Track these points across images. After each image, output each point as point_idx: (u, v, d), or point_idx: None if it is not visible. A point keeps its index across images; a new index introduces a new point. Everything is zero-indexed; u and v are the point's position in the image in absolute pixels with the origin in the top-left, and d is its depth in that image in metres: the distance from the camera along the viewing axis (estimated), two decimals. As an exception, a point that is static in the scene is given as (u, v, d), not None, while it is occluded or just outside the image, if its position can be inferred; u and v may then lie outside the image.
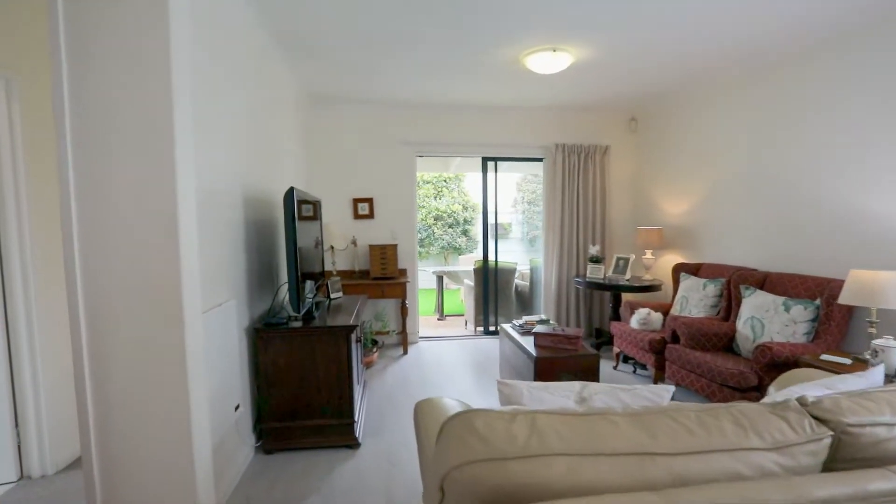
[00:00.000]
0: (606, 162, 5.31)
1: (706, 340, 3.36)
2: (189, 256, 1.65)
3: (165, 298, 1.60)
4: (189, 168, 1.66)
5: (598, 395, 1.55)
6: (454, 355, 4.77)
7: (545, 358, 3.04)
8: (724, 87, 4.10)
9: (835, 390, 1.30)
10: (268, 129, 3.23)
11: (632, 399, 1.51)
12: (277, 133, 3.53)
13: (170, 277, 1.60)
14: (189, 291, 1.64)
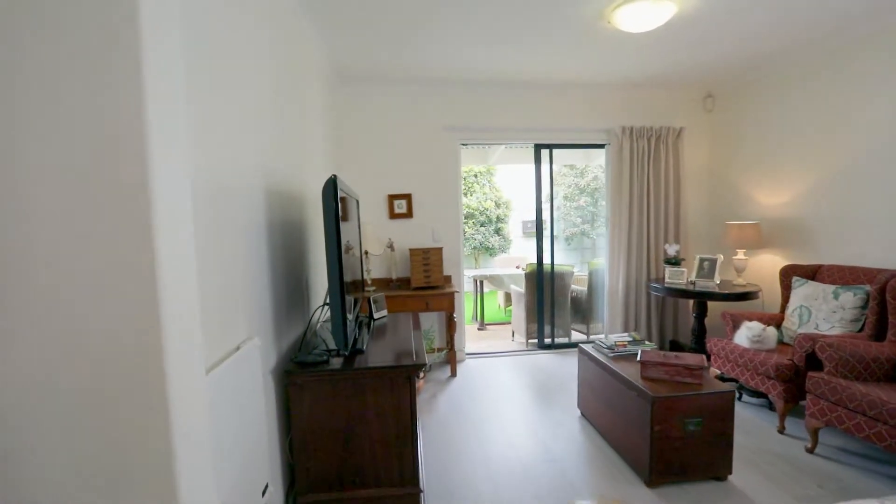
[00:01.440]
0: (680, 146, 4.53)
1: (863, 368, 2.59)
2: (179, 295, 0.92)
3: (131, 382, 0.83)
4: (178, 155, 0.95)
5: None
6: (510, 376, 4.04)
7: (665, 398, 2.30)
8: (843, 53, 3.29)
9: None
10: (294, 110, 2.55)
11: None
12: (305, 116, 2.84)
13: (137, 340, 0.82)
14: (179, 350, 0.93)
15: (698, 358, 2.49)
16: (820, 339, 2.72)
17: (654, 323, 4.62)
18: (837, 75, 3.40)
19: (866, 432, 2.38)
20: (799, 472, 2.48)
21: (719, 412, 2.36)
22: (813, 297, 3.24)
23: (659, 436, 2.30)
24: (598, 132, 4.54)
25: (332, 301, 1.91)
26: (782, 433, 2.91)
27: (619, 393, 2.61)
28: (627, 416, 2.52)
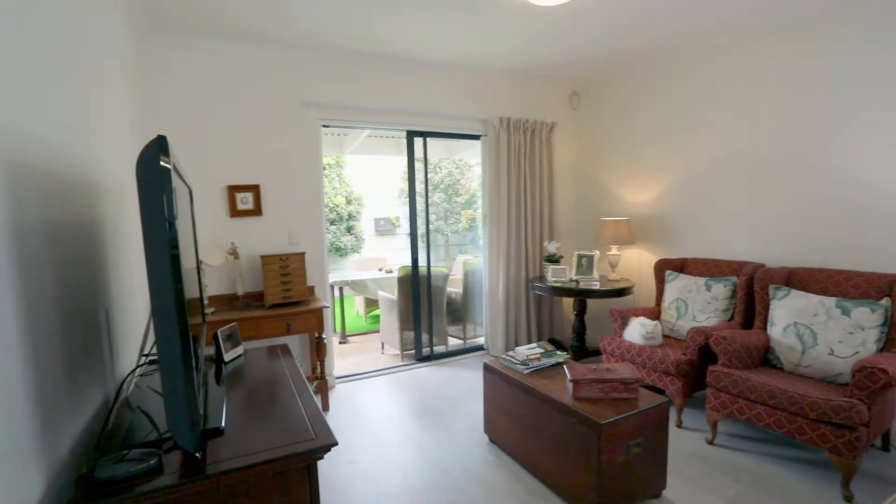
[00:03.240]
0: (553, 142, 4.47)
1: (747, 357, 2.67)
2: None
3: None
4: None
5: None
6: (394, 400, 3.43)
7: (612, 424, 1.97)
8: (702, 57, 3.51)
9: None
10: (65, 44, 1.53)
11: None
12: (93, 64, 1.79)
13: None
14: None
15: (630, 369, 2.24)
16: (712, 333, 2.75)
17: (534, 322, 4.50)
18: (695, 80, 3.60)
19: (766, 420, 2.42)
20: (715, 470, 2.43)
21: (658, 427, 2.14)
22: (687, 289, 3.36)
23: (606, 466, 1.97)
24: (476, 122, 4.20)
25: (165, 350, 1.06)
26: (680, 427, 2.91)
27: (548, 418, 2.23)
28: (563, 445, 2.15)
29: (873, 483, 2.30)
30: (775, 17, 2.94)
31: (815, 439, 2.23)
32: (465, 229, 9.31)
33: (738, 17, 2.96)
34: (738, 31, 3.16)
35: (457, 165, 8.98)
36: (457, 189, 9.21)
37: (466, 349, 4.56)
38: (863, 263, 2.78)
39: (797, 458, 2.54)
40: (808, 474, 2.39)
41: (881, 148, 2.67)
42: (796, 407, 2.28)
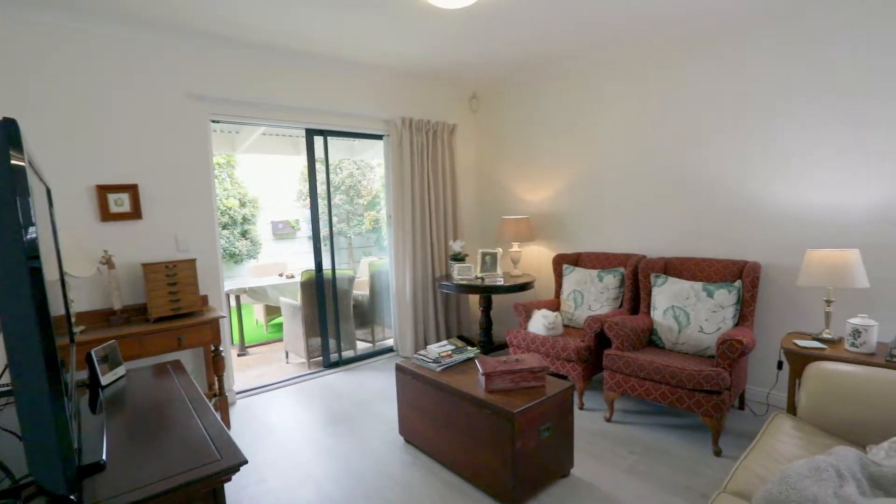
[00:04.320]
0: (454, 143, 4.57)
1: (636, 339, 2.97)
2: None
3: None
4: None
5: None
6: (301, 410, 3.26)
7: (524, 411, 2.06)
8: (592, 68, 3.82)
9: None
10: None
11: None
12: None
13: None
14: None
15: (537, 358, 2.36)
16: (606, 319, 3.00)
17: (442, 321, 4.56)
18: (585, 89, 3.91)
19: (654, 394, 2.70)
20: (614, 445, 2.66)
21: (564, 410, 2.28)
22: (583, 281, 3.63)
23: (520, 452, 2.06)
24: (379, 122, 4.15)
25: (23, 378, 0.89)
26: (582, 409, 3.13)
27: (463, 413, 2.27)
28: (478, 437, 2.20)
29: (734, 437, 2.68)
30: (654, 37, 3.30)
31: (692, 406, 2.54)
32: (369, 231, 9.17)
33: (623, 34, 3.27)
34: (623, 46, 3.49)
35: (358, 166, 8.80)
36: (359, 190, 9.03)
37: (376, 352, 4.48)
38: (723, 252, 3.22)
39: (679, 425, 2.87)
40: (688, 437, 2.71)
41: (738, 155, 3.12)
42: (676, 379, 2.57)
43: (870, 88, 2.57)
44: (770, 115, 2.94)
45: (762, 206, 3.03)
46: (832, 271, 2.36)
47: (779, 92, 2.90)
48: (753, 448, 1.76)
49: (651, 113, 3.51)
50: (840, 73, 2.66)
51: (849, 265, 2.33)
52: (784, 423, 1.93)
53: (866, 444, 1.73)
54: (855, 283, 2.32)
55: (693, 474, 2.35)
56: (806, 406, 1.96)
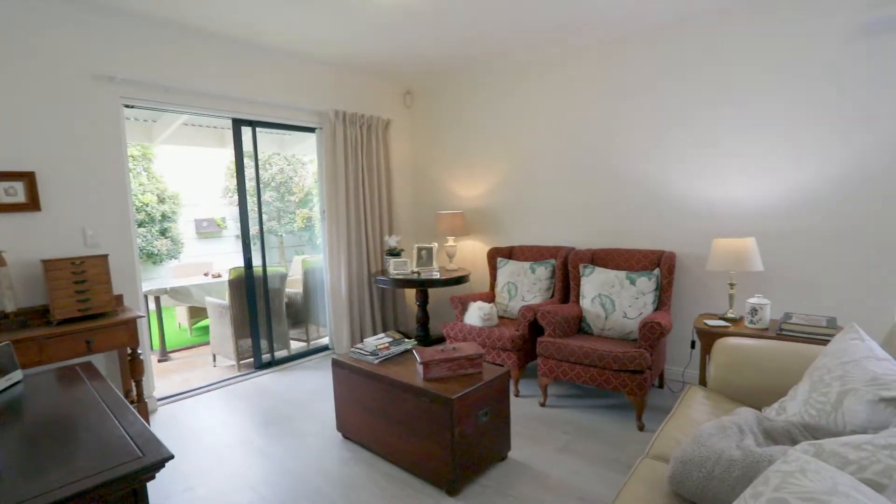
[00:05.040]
0: (389, 138, 4.55)
1: (567, 326, 3.12)
2: None
3: None
4: None
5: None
6: (231, 413, 3.10)
7: (462, 397, 2.10)
8: (522, 68, 3.96)
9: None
10: None
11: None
12: None
13: None
14: None
15: (473, 346, 2.41)
16: (539, 309, 3.13)
17: (379, 317, 4.52)
18: (516, 88, 4.04)
19: (583, 377, 2.86)
20: (548, 427, 2.77)
21: (500, 395, 2.35)
22: (516, 273, 3.76)
23: (459, 438, 2.09)
24: (311, 114, 4.04)
25: None
26: (518, 396, 3.24)
27: (402, 403, 2.27)
28: (417, 426, 2.21)
29: (656, 412, 2.90)
30: (577, 40, 3.47)
31: (617, 386, 2.71)
32: (301, 229, 8.88)
33: (549, 37, 3.41)
34: (550, 48, 3.64)
35: (289, 162, 8.50)
36: (290, 187, 8.71)
37: (311, 351, 4.36)
38: (644, 243, 3.47)
39: (607, 405, 3.05)
40: (615, 416, 2.89)
41: (654, 154, 3.37)
42: (604, 362, 2.73)
43: (759, 98, 2.88)
44: (679, 118, 3.21)
45: (676, 200, 3.30)
46: (734, 257, 2.62)
47: (686, 98, 3.17)
48: (671, 417, 1.91)
49: (576, 112, 3.69)
50: (733, 84, 2.96)
51: (747, 251, 2.60)
52: (697, 393, 2.12)
53: (763, 405, 1.94)
54: (752, 267, 2.59)
55: (620, 448, 2.52)
56: (714, 377, 2.16)
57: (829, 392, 1.51)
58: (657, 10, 3.00)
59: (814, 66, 2.73)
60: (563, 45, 3.62)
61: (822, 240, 2.79)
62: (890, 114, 2.55)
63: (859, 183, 2.66)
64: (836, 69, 2.67)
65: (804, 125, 2.79)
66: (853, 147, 2.66)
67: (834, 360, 1.62)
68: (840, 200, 2.72)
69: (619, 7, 2.95)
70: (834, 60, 2.67)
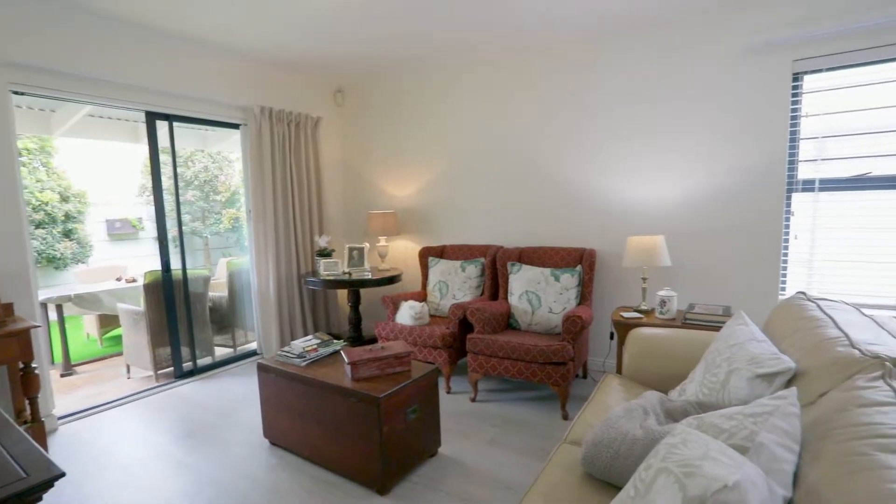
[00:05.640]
0: (319, 136, 4.45)
1: (496, 323, 3.21)
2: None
3: None
4: None
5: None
6: (151, 429, 2.90)
7: (390, 395, 2.10)
8: (453, 70, 4.03)
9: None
10: None
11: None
12: None
13: None
14: None
15: (402, 344, 2.43)
16: (468, 306, 3.20)
17: (309, 319, 4.41)
18: (447, 90, 4.10)
19: (511, 371, 2.96)
20: (478, 422, 2.85)
21: (429, 392, 2.38)
22: (447, 272, 3.82)
23: (388, 436, 2.10)
24: (234, 109, 3.86)
25: None
26: (450, 393, 3.29)
27: (330, 405, 2.24)
28: (346, 427, 2.19)
29: (579, 402, 3.06)
30: (504, 43, 3.58)
31: (543, 378, 2.84)
32: (228, 230, 8.45)
33: (477, 40, 3.49)
34: (478, 50, 3.73)
35: (214, 160, 8.06)
36: (215, 186, 8.27)
37: (238, 357, 4.17)
38: (568, 241, 3.65)
39: (534, 397, 3.17)
40: (542, 407, 3.02)
41: (575, 156, 3.55)
42: (530, 356, 2.85)
43: (663, 108, 3.14)
44: (596, 124, 3.41)
45: (596, 200, 3.50)
46: (645, 254, 2.83)
47: (602, 105, 3.38)
48: (588, 404, 2.03)
49: (504, 114, 3.82)
50: (644, 95, 3.20)
51: (656, 248, 2.82)
52: (613, 381, 2.27)
53: (669, 388, 2.12)
54: (661, 262, 2.81)
55: (546, 437, 2.63)
56: (628, 365, 2.33)
57: (718, 372, 1.68)
58: (574, 25, 3.17)
59: (706, 82, 3.01)
60: (490, 49, 3.72)
61: (718, 236, 3.09)
62: (764, 124, 2.87)
63: (744, 185, 2.97)
64: (722, 85, 2.96)
65: (697, 134, 3.07)
66: (736, 153, 2.97)
67: (723, 344, 1.80)
68: (729, 200, 3.02)
69: (541, 18, 3.08)
70: (720, 77, 2.96)
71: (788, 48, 2.80)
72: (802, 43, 2.75)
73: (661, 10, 3.00)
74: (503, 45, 3.64)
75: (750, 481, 0.81)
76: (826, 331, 1.58)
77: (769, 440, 0.97)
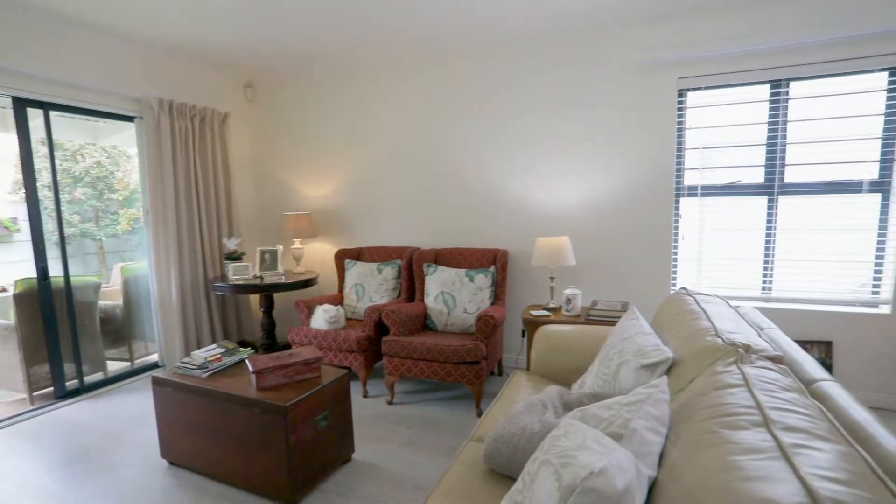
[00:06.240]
0: (227, 133, 4.20)
1: (412, 324, 3.23)
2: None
3: None
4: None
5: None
6: (24, 460, 2.56)
7: (297, 403, 2.03)
8: (369, 71, 3.99)
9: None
10: None
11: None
12: None
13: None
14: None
15: (312, 350, 2.36)
16: (383, 309, 3.18)
17: (219, 327, 4.15)
18: (361, 88, 4.05)
19: (427, 372, 2.99)
20: (394, 424, 2.84)
21: (341, 398, 2.33)
22: (364, 274, 3.77)
23: (296, 446, 2.03)
24: (127, 100, 3.54)
25: None
26: (366, 397, 3.25)
27: (233, 417, 2.12)
28: (251, 439, 2.08)
29: (494, 399, 3.15)
30: (421, 45, 3.60)
31: (457, 378, 2.89)
32: (127, 233, 7.71)
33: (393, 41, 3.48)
34: (395, 51, 3.72)
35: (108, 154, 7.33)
36: (111, 184, 7.51)
37: (136, 371, 3.82)
38: (481, 242, 3.75)
39: (451, 397, 3.22)
40: (457, 406, 3.07)
41: (489, 159, 3.65)
42: (444, 356, 2.89)
43: (569, 116, 3.34)
44: (507, 129, 3.55)
45: (508, 203, 3.63)
46: (552, 254, 2.99)
47: (512, 110, 3.52)
48: (496, 402, 2.10)
49: (419, 116, 3.85)
50: (549, 102, 3.38)
51: (563, 248, 2.98)
52: (521, 377, 2.36)
53: (573, 382, 2.25)
54: (567, 261, 2.98)
55: (461, 435, 2.68)
56: (535, 361, 2.43)
57: (611, 364, 1.81)
58: (483, 31, 3.27)
59: (605, 93, 3.25)
60: (404, 51, 3.73)
61: (617, 237, 3.33)
62: (655, 134, 3.15)
63: (639, 189, 3.24)
64: (620, 97, 3.21)
65: (597, 141, 3.30)
66: (632, 160, 3.23)
67: (617, 338, 1.94)
68: (626, 204, 3.28)
69: (449, 22, 3.14)
70: (618, 89, 3.21)
71: (674, 66, 3.08)
72: (685, 63, 3.05)
73: (566, 22, 3.18)
74: (417, 48, 3.66)
75: (618, 466, 0.88)
76: (699, 322, 1.76)
77: (640, 426, 1.06)
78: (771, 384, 1.17)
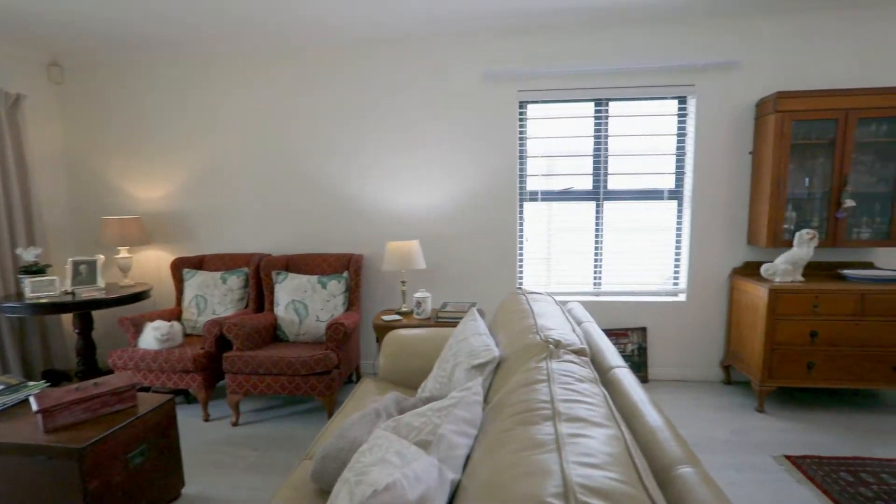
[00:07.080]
0: (21, 120, 3.48)
1: (259, 337, 3.00)
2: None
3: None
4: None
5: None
6: None
7: (98, 443, 1.72)
8: (214, 63, 3.61)
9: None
10: None
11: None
12: None
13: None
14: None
15: (125, 376, 2.04)
16: (225, 322, 2.91)
17: (14, 355, 3.41)
18: (205, 82, 3.65)
19: (275, 388, 2.79)
20: (236, 448, 2.60)
21: (164, 428, 2.05)
22: (205, 285, 3.41)
23: (98, 494, 1.72)
24: None
25: None
26: (208, 420, 2.93)
27: (10, 471, 1.73)
28: (36, 495, 1.72)
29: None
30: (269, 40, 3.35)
31: (308, 390, 2.75)
32: None
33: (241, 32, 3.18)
34: (242, 42, 3.41)
35: None
36: None
37: None
38: (335, 248, 3.63)
39: (303, 410, 3.06)
40: (309, 419, 2.93)
41: (343, 163, 3.55)
42: (293, 368, 2.73)
43: (421, 122, 3.40)
44: (360, 132, 3.49)
45: (362, 207, 3.57)
46: (402, 257, 3.00)
47: (365, 115, 3.47)
48: (339, 413, 2.03)
49: (273, 115, 3.60)
50: (401, 108, 3.41)
51: (412, 252, 3.02)
52: (369, 385, 2.31)
53: (419, 385, 2.26)
54: (417, 265, 3.02)
55: (309, 452, 2.55)
56: (384, 366, 2.41)
57: (447, 367, 1.85)
58: (339, 32, 3.18)
59: (455, 101, 3.38)
60: (256, 44, 3.46)
61: (467, 239, 3.48)
62: (500, 142, 3.36)
63: (486, 194, 3.43)
64: (468, 106, 3.37)
65: (447, 148, 3.42)
66: (480, 165, 3.41)
67: (455, 340, 2.00)
68: (474, 207, 3.45)
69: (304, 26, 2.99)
70: (466, 98, 3.36)
71: (514, 80, 3.31)
72: (524, 77, 3.30)
73: (419, 28, 3.23)
74: (270, 44, 3.42)
75: (413, 476, 0.87)
76: (526, 321, 1.88)
77: (448, 430, 1.08)
78: (569, 377, 1.28)
